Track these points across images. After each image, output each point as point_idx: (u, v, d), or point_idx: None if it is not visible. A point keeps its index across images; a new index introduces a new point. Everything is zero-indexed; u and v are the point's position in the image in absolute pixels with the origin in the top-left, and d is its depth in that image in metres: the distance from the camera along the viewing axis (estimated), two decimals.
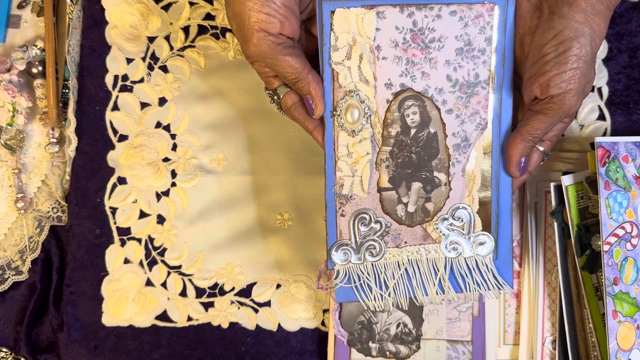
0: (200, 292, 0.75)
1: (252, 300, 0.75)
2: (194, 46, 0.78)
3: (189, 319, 0.75)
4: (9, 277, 0.75)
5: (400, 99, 0.61)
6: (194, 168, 0.76)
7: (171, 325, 0.74)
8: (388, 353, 0.72)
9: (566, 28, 0.56)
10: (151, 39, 0.78)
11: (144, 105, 0.77)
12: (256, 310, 0.75)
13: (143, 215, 0.76)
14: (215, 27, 0.78)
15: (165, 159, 0.77)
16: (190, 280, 0.75)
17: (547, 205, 0.73)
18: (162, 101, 0.77)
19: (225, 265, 0.75)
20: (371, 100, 0.61)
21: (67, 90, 0.77)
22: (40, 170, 0.77)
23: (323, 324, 0.74)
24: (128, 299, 0.75)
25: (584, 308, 0.68)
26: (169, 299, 0.75)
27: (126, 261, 0.75)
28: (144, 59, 0.78)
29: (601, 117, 0.76)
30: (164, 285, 0.75)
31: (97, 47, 0.77)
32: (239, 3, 0.56)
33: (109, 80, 0.77)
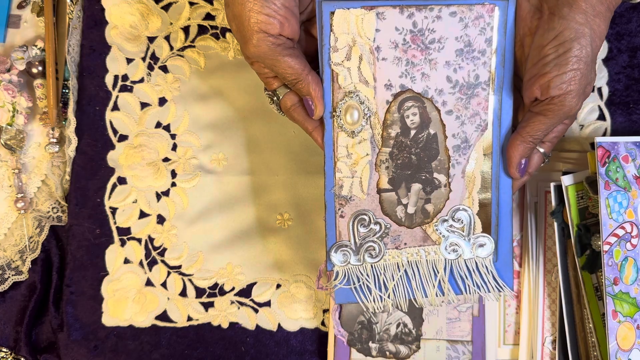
0: (200, 292, 0.75)
1: (252, 300, 0.75)
2: (194, 46, 0.78)
3: (189, 319, 0.75)
4: (9, 277, 0.75)
5: (400, 100, 0.61)
6: (194, 168, 0.76)
7: (171, 325, 0.75)
8: (388, 353, 0.72)
9: (566, 29, 0.56)
10: (151, 39, 0.78)
11: (144, 105, 0.77)
12: (256, 310, 0.75)
13: (143, 215, 0.76)
14: (215, 27, 0.78)
15: (165, 159, 0.76)
16: (190, 280, 0.75)
17: (547, 205, 0.73)
18: (162, 101, 0.77)
19: (225, 265, 0.75)
20: (371, 101, 0.61)
21: (67, 90, 0.77)
22: (40, 170, 0.77)
23: (323, 324, 0.74)
24: (128, 299, 0.75)
25: (584, 308, 0.68)
26: (169, 299, 0.75)
27: (126, 261, 0.75)
28: (144, 59, 0.78)
29: (601, 117, 0.76)
30: (164, 285, 0.75)
31: (97, 47, 0.77)
32: (239, 4, 0.56)
33: (109, 80, 0.77)
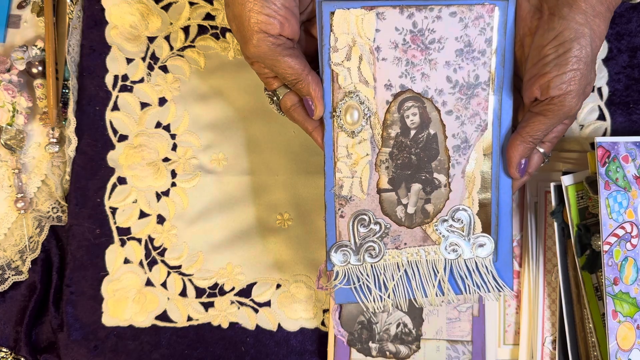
0: (200, 292, 0.75)
1: (252, 300, 0.75)
2: (194, 46, 0.78)
3: (189, 319, 0.75)
4: (9, 277, 0.75)
5: (400, 100, 0.61)
6: (194, 168, 0.76)
7: (171, 325, 0.75)
8: (388, 353, 0.72)
9: (566, 29, 0.56)
10: (151, 39, 0.78)
11: (144, 105, 0.77)
12: (256, 310, 0.75)
13: (143, 215, 0.76)
14: (215, 27, 0.78)
15: (165, 159, 0.76)
16: (190, 280, 0.75)
17: (547, 205, 0.73)
18: (162, 101, 0.77)
19: (225, 265, 0.75)
20: (371, 101, 0.61)
21: (67, 90, 0.77)
22: (40, 170, 0.77)
23: (323, 324, 0.74)
24: (128, 299, 0.75)
25: (584, 308, 0.68)
26: (169, 299, 0.75)
27: (126, 261, 0.75)
28: (144, 59, 0.78)
29: (601, 117, 0.76)
30: (164, 285, 0.75)
31: (97, 47, 0.77)
32: (239, 4, 0.56)
33: (109, 80, 0.77)
